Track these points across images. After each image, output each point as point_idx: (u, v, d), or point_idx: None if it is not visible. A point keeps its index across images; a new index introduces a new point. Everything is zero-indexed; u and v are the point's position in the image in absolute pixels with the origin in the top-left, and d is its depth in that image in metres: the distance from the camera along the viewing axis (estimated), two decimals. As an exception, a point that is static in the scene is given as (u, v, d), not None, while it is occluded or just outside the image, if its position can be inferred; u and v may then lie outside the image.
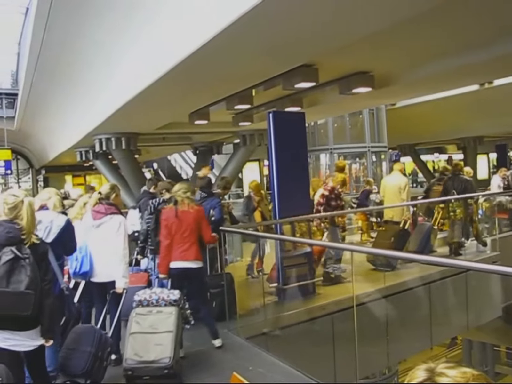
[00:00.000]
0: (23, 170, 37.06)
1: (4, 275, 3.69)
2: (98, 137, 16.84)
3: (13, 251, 3.78)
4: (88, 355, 4.88)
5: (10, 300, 3.73)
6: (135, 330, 5.42)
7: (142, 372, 5.22)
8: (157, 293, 5.73)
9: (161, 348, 5.25)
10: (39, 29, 11.44)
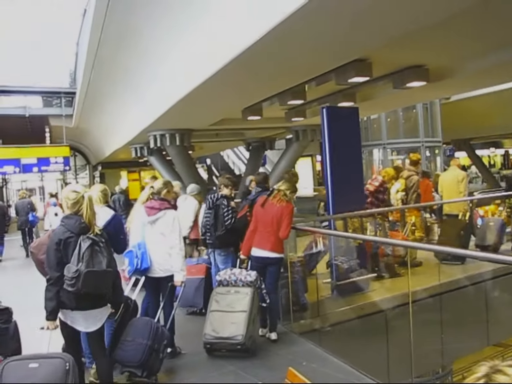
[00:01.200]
0: (81, 166, 37.95)
1: (89, 258, 4.21)
2: (153, 134, 17.08)
3: (90, 237, 4.32)
4: (144, 347, 5.13)
5: (99, 278, 4.28)
6: (214, 308, 6.01)
7: (218, 347, 5.90)
8: (236, 274, 6.26)
9: (235, 326, 5.81)
10: (96, 29, 11.69)
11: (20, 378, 3.72)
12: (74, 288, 4.19)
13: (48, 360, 3.89)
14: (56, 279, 4.31)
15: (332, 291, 8.48)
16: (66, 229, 4.40)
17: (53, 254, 4.35)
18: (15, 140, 25.27)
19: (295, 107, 13.15)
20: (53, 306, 4.32)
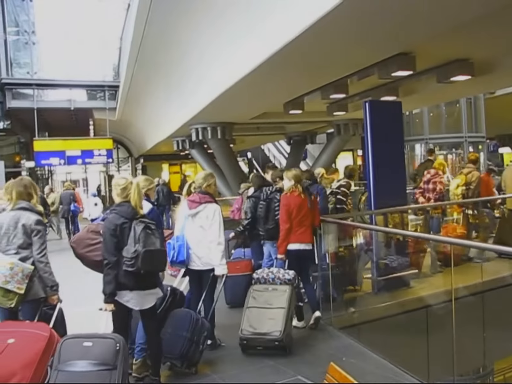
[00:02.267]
0: (123, 158, 38.50)
1: (145, 240, 4.49)
2: (195, 127, 17.24)
3: (141, 221, 4.62)
4: (184, 339, 5.23)
5: (155, 257, 4.58)
6: (251, 304, 5.98)
7: (255, 343, 5.83)
8: (273, 272, 6.25)
9: (273, 322, 5.78)
10: (140, 23, 11.84)
11: (75, 354, 3.99)
12: (134, 268, 4.46)
13: (101, 340, 4.14)
14: (114, 263, 4.56)
15: (373, 287, 8.43)
16: (120, 216, 4.67)
17: (110, 239, 4.61)
18: (60, 132, 25.81)
19: (337, 101, 13.10)
20: (111, 289, 4.56)
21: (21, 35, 27.43)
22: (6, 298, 4.53)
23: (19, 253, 4.74)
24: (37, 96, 26.06)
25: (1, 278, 4.49)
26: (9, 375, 3.88)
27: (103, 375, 3.94)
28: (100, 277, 4.65)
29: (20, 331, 4.23)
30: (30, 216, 4.84)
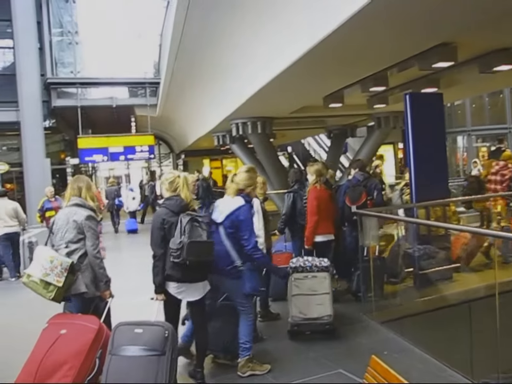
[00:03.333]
0: (164, 154, 38.89)
1: (189, 232, 4.68)
2: (235, 122, 17.28)
3: (188, 213, 4.82)
4: (227, 332, 5.44)
5: (201, 248, 4.76)
6: (296, 292, 6.22)
7: (306, 328, 6.15)
8: (309, 261, 6.45)
9: (322, 307, 6.09)
10: (179, 20, 11.94)
11: (127, 340, 4.29)
12: (180, 259, 4.67)
13: (150, 327, 4.40)
14: (161, 255, 4.82)
15: (415, 280, 8.36)
16: (168, 210, 4.91)
17: (157, 232, 4.86)
18: (103, 129, 26.22)
19: (377, 93, 12.97)
20: (159, 280, 4.84)
21: (64, 36, 28.03)
22: (46, 290, 4.73)
23: (68, 247, 4.99)
24: (80, 95, 26.61)
25: (41, 271, 4.72)
26: (61, 362, 4.19)
27: (153, 360, 4.20)
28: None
29: (72, 323, 4.55)
30: (81, 212, 5.06)
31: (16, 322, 7.75)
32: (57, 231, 5.10)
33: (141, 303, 5.42)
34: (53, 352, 4.25)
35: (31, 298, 5.33)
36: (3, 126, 25.90)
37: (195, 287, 4.94)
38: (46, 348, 4.30)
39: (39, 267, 4.75)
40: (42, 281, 4.71)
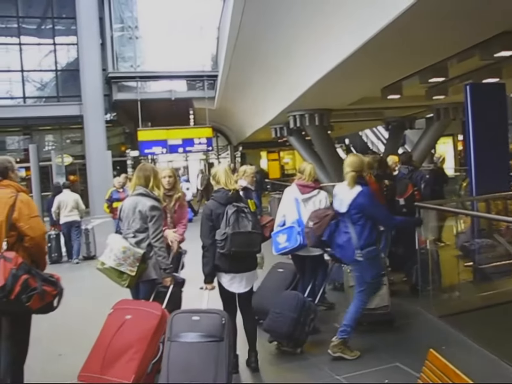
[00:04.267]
0: (222, 146, 39.14)
1: (235, 222, 4.85)
2: (292, 114, 17.30)
3: (234, 205, 4.97)
4: (291, 320, 5.53)
5: (244, 239, 4.89)
6: (353, 283, 6.15)
7: (363, 319, 5.96)
8: None
9: (380, 298, 6.10)
10: (237, 13, 12.02)
11: (185, 327, 4.46)
12: (224, 249, 4.85)
13: (207, 314, 4.59)
14: (209, 246, 4.99)
15: (474, 275, 8.21)
16: (216, 201, 5.08)
17: (206, 223, 5.06)
18: (162, 122, 26.62)
19: (436, 84, 12.75)
20: (209, 270, 5.02)
21: (125, 31, 28.57)
22: (120, 278, 5.00)
23: (136, 237, 5.18)
24: (140, 88, 27.12)
25: (115, 260, 4.98)
26: (126, 346, 4.41)
27: (211, 346, 4.37)
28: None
29: (136, 309, 4.76)
30: (145, 202, 5.18)
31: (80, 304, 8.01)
32: (125, 220, 5.30)
33: (193, 293, 5.70)
34: (119, 336, 4.47)
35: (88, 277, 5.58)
36: (67, 119, 26.73)
37: (241, 278, 5.09)
38: (113, 332, 4.52)
39: (113, 257, 5.00)
40: (116, 270, 4.98)
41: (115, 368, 4.32)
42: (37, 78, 28.41)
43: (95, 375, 4.33)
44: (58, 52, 27.92)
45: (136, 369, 4.31)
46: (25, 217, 4.46)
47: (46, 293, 4.27)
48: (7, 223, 4.42)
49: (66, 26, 28.27)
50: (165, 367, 4.32)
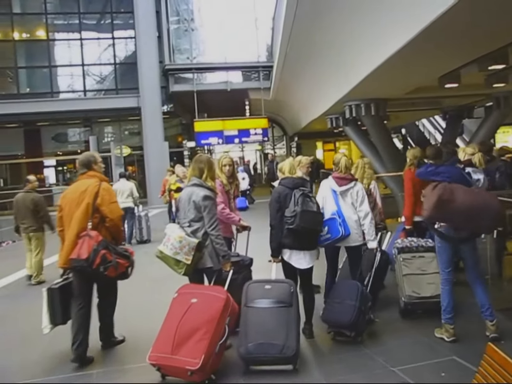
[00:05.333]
0: (278, 137, 39.25)
1: (302, 203, 5.44)
2: (348, 104, 17.18)
3: (300, 189, 5.60)
4: (354, 308, 5.64)
5: (311, 217, 5.47)
6: (406, 272, 6.45)
7: (419, 307, 6.30)
8: (415, 241, 6.69)
9: (434, 286, 6.23)
10: (292, 3, 12.03)
11: (259, 294, 5.16)
12: (294, 225, 5.40)
13: (277, 284, 5.29)
14: (276, 225, 5.61)
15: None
16: (284, 186, 5.69)
17: (274, 205, 5.65)
18: (218, 113, 26.92)
19: (496, 72, 12.45)
20: (274, 246, 5.65)
21: (181, 24, 28.94)
22: (177, 266, 5.30)
23: (192, 226, 5.42)
24: (196, 80, 27.45)
25: (172, 250, 5.26)
26: (195, 328, 4.76)
27: (283, 310, 5.04)
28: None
29: (201, 293, 5.13)
30: (199, 193, 5.41)
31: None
32: (181, 209, 5.56)
33: (261, 266, 6.48)
34: (187, 318, 4.83)
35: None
36: (125, 111, 27.32)
37: (304, 255, 5.61)
38: (181, 315, 4.86)
39: (170, 246, 5.29)
40: (173, 258, 5.27)
41: (185, 348, 4.67)
42: (97, 72, 29.20)
43: (166, 355, 4.70)
44: (116, 46, 28.67)
45: (206, 349, 4.63)
46: (106, 202, 5.55)
47: (119, 265, 5.44)
48: (92, 207, 5.47)
49: (124, 21, 28.92)
50: (243, 329, 5.03)
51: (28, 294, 8.91)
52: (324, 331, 5.94)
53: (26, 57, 28.99)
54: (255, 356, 4.91)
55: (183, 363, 4.60)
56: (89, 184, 5.59)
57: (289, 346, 4.86)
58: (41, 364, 5.65)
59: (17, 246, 17.13)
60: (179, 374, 4.77)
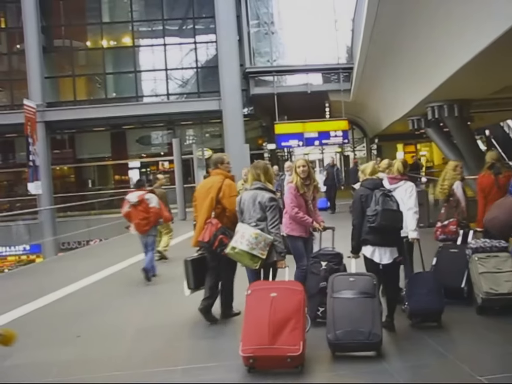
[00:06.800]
0: (358, 139, 38.95)
1: (383, 202, 5.69)
2: (431, 105, 16.98)
3: (381, 189, 5.88)
4: (440, 297, 6.11)
5: (391, 216, 5.73)
6: (482, 270, 6.51)
7: (497, 303, 6.39)
8: (488, 242, 6.82)
9: (510, 284, 6.34)
10: (373, 4, 12.02)
11: (344, 286, 5.43)
12: (375, 223, 5.67)
13: (361, 276, 5.58)
14: (357, 224, 5.87)
15: None
16: (366, 187, 5.97)
17: (357, 205, 5.92)
18: (298, 115, 27.00)
19: None
20: (355, 244, 5.94)
21: (261, 27, 29.26)
22: (253, 261, 5.87)
23: (258, 225, 5.98)
24: (276, 82, 27.65)
25: (248, 245, 5.81)
26: (286, 319, 5.06)
27: (368, 301, 5.33)
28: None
29: (279, 287, 5.42)
30: (264, 195, 6.05)
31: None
32: (246, 211, 6.15)
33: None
34: (276, 311, 5.08)
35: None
36: (207, 114, 27.88)
37: (384, 251, 5.85)
38: (267, 308, 5.11)
39: (245, 242, 5.83)
40: (249, 253, 5.82)
41: (282, 338, 4.97)
42: (179, 76, 29.91)
43: (264, 346, 4.95)
44: (198, 50, 29.22)
45: (301, 337, 4.99)
46: (227, 196, 6.59)
47: None
48: (215, 199, 6.59)
49: (205, 25, 29.53)
50: (331, 317, 5.30)
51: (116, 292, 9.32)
52: (401, 325, 6.08)
53: (113, 63, 30.19)
54: (344, 342, 5.18)
55: (284, 351, 4.91)
56: (214, 181, 6.77)
57: (375, 333, 5.13)
58: (128, 359, 5.77)
59: (105, 243, 17.92)
60: (275, 363, 5.07)
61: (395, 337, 5.81)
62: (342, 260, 6.37)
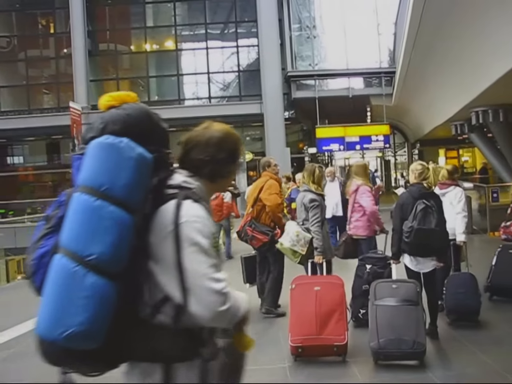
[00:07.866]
0: (399, 144, 38.58)
1: (422, 218, 5.55)
2: (475, 110, 16.77)
3: (424, 202, 5.63)
4: (477, 296, 6.35)
5: (426, 235, 5.59)
6: None
7: None
8: None
9: None
10: (417, 8, 11.96)
11: (387, 293, 5.40)
12: (408, 240, 5.62)
13: (404, 283, 5.57)
14: (398, 230, 5.83)
15: None
16: (409, 195, 5.89)
17: (397, 212, 5.91)
18: (339, 119, 26.95)
19: None
20: (395, 250, 5.93)
21: (303, 31, 29.29)
22: (293, 256, 6.50)
23: (304, 224, 6.66)
24: (318, 86, 27.66)
25: (290, 242, 6.46)
26: (331, 311, 5.40)
27: (411, 308, 5.28)
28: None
29: (321, 282, 5.79)
30: (307, 196, 6.66)
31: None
32: (298, 211, 6.95)
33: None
34: (321, 303, 5.42)
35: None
36: (248, 118, 27.97)
37: (423, 261, 5.84)
38: (313, 301, 5.46)
39: (288, 239, 6.50)
40: (291, 249, 6.46)
41: (328, 328, 5.31)
42: (221, 79, 30.15)
43: (312, 336, 5.31)
44: (240, 54, 29.42)
45: (345, 327, 5.36)
46: (266, 193, 7.06)
47: (255, 238, 7.01)
48: (256, 198, 7.14)
49: (247, 29, 29.73)
50: (373, 325, 5.25)
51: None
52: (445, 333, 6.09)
53: (156, 66, 30.61)
54: (387, 351, 5.16)
55: (331, 340, 5.27)
56: (260, 182, 7.39)
57: (419, 342, 5.09)
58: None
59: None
60: (322, 351, 5.43)
61: (437, 344, 5.78)
62: (387, 264, 6.40)
